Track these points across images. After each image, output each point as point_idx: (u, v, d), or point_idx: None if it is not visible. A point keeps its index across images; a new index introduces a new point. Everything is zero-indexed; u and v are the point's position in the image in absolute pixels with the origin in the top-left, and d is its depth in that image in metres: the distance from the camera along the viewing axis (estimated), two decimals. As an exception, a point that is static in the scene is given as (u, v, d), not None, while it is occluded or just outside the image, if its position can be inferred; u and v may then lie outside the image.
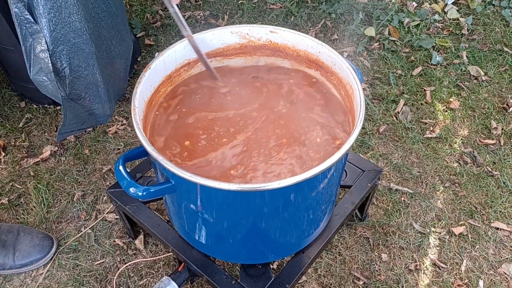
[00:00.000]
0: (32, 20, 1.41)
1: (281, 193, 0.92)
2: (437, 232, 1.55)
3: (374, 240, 1.52)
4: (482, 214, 1.60)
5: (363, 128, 1.88)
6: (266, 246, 1.12)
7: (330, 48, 1.12)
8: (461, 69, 2.18)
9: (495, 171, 1.73)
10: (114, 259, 1.48)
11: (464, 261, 1.48)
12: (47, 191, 1.67)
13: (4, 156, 1.80)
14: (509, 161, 1.76)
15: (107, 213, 1.60)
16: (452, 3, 2.58)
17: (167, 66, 1.15)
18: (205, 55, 1.18)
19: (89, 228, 1.56)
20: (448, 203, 1.64)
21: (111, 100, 1.83)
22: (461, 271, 1.45)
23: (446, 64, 2.22)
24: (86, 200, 1.65)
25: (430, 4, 2.58)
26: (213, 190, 0.88)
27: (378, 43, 2.32)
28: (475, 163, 1.77)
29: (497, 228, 1.56)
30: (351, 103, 1.07)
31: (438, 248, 1.51)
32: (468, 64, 2.20)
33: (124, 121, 1.93)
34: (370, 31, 2.34)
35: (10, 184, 1.70)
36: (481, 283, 1.42)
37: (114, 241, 1.53)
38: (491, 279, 1.43)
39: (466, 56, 2.25)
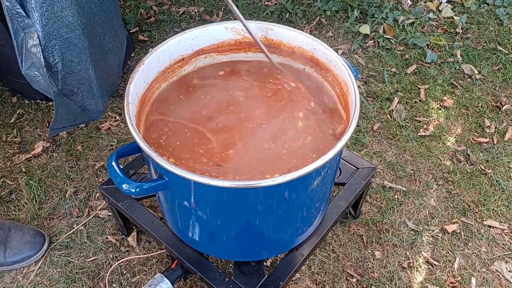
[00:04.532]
0: (24, 14, 1.40)
1: (275, 190, 0.91)
2: (430, 230, 1.56)
3: (367, 238, 1.52)
4: (475, 212, 1.61)
5: (357, 126, 1.88)
6: (259, 243, 1.12)
7: (325, 45, 1.11)
8: (455, 68, 2.18)
9: (488, 170, 1.74)
10: (107, 256, 1.47)
11: (457, 258, 1.48)
12: (39, 187, 1.65)
13: (-5, 152, 1.78)
14: (502, 160, 1.77)
15: (99, 209, 1.59)
16: (447, 2, 2.59)
17: (161, 61, 1.14)
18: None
19: (82, 225, 1.55)
20: (441, 201, 1.64)
21: (104, 96, 1.82)
22: (454, 268, 1.46)
23: (440, 62, 2.22)
24: (79, 196, 1.63)
25: (425, 2, 2.59)
26: (206, 187, 0.87)
27: (372, 41, 2.32)
28: (468, 161, 1.77)
29: (490, 226, 1.57)
30: (346, 100, 1.07)
31: (431, 245, 1.52)
32: (462, 63, 2.21)
33: (117, 117, 1.92)
34: (365, 29, 2.34)
35: (1, 180, 1.68)
36: (473, 280, 1.43)
37: (107, 238, 1.52)
38: (484, 277, 1.44)
39: (460, 54, 2.25)
